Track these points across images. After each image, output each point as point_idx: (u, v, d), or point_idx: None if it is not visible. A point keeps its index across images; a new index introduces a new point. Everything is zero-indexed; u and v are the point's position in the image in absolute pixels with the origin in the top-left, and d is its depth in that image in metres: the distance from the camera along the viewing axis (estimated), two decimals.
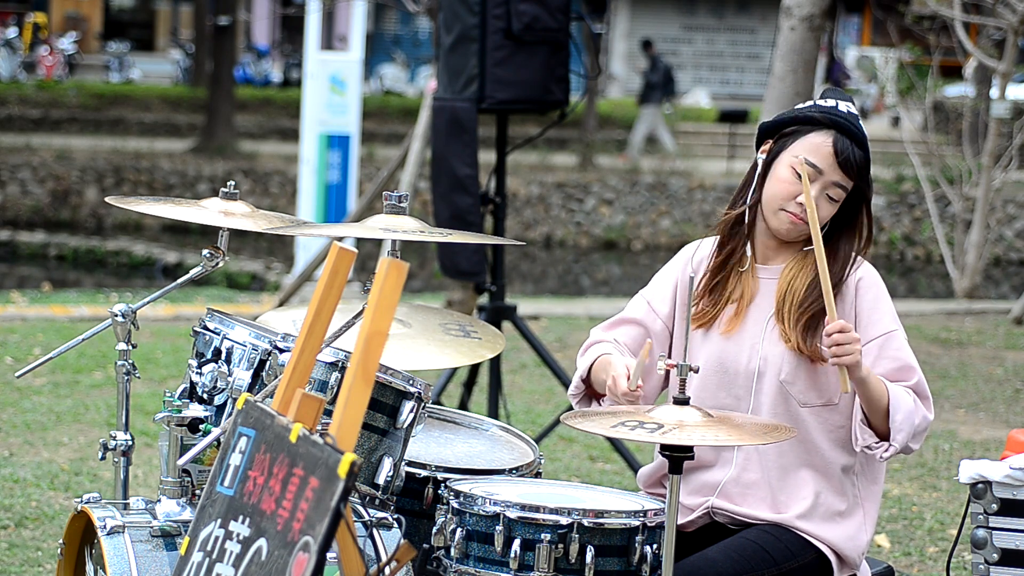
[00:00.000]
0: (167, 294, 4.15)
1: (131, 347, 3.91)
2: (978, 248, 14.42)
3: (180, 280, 4.08)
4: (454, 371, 7.33)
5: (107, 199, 4.12)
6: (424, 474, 3.82)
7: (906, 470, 7.53)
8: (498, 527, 3.45)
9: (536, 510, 3.45)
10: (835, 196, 3.77)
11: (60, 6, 39.22)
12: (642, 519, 3.47)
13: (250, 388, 3.70)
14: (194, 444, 3.65)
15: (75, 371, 9.03)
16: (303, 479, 2.73)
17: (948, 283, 16.25)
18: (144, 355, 9.37)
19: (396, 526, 3.74)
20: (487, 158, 6.96)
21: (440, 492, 3.62)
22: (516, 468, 3.91)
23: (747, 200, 3.85)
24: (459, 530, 3.50)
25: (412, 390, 3.68)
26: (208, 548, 2.96)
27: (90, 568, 3.76)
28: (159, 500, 3.73)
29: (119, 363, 3.90)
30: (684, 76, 37.01)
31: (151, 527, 3.64)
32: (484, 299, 7.13)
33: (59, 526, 6.00)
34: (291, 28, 37.60)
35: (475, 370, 7.25)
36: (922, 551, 6.23)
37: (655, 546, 3.48)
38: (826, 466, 3.78)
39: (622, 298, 14.81)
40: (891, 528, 6.52)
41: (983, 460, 3.88)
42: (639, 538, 3.46)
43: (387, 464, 3.65)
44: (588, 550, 3.42)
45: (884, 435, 3.69)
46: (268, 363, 3.70)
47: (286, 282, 13.26)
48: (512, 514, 3.45)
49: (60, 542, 3.84)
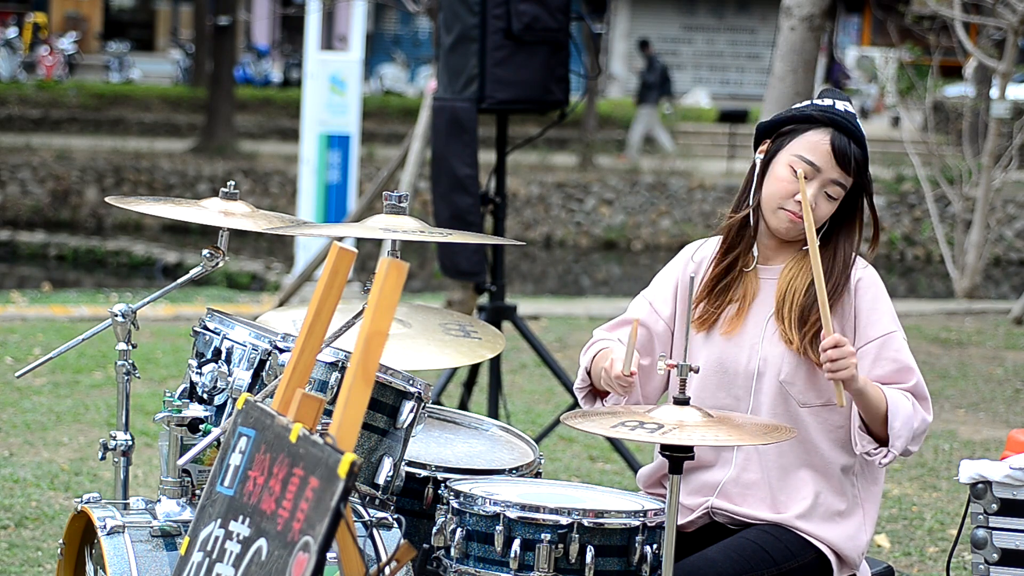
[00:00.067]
0: (167, 294, 4.15)
1: (131, 347, 3.91)
2: (978, 248, 14.42)
3: (180, 280, 4.08)
4: (454, 371, 7.33)
5: (107, 199, 4.12)
6: (424, 474, 3.82)
7: (906, 470, 7.53)
8: (498, 527, 3.45)
9: (536, 510, 3.45)
10: (833, 194, 3.77)
11: (60, 6, 39.22)
12: (642, 519, 3.47)
13: (250, 388, 3.70)
14: (194, 444, 3.65)
15: (75, 371, 9.03)
16: (303, 479, 2.73)
17: (948, 283, 16.25)
18: (144, 355, 9.37)
19: (396, 526, 3.74)
20: (487, 158, 6.96)
21: (440, 492, 3.62)
22: (516, 468, 3.91)
23: (749, 202, 3.85)
24: (459, 530, 3.50)
25: (412, 390, 3.68)
26: (208, 548, 2.96)
27: (90, 568, 3.76)
28: (159, 500, 3.73)
29: (119, 363, 3.90)
30: (684, 76, 37.01)
31: (151, 527, 3.64)
32: (484, 299, 7.13)
33: (59, 526, 5.99)
34: (291, 28, 37.61)
35: (475, 370, 7.25)
36: (922, 551, 6.22)
37: (655, 546, 3.48)
38: (826, 466, 3.78)
39: (622, 298, 14.81)
40: (891, 528, 6.52)
41: (983, 460, 3.88)
42: (639, 538, 3.46)
43: (387, 464, 3.65)
44: (588, 550, 3.42)
45: (883, 441, 3.70)
46: (268, 363, 3.70)
47: (286, 282, 13.26)
48: (512, 514, 3.45)
49: (60, 542, 3.84)
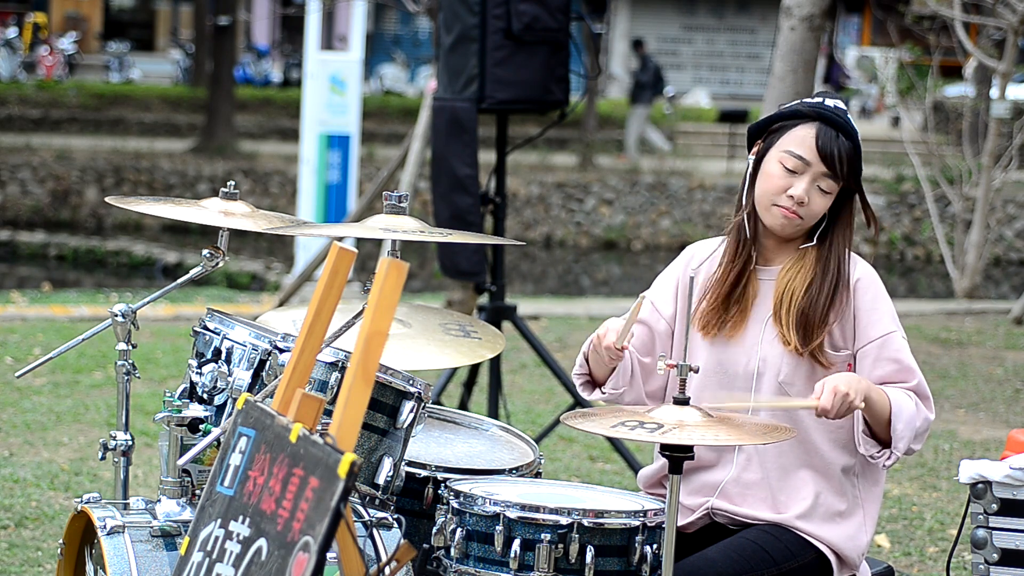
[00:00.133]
0: (167, 294, 4.15)
1: (131, 347, 3.91)
2: (978, 248, 14.42)
3: (180, 280, 4.08)
4: (454, 371, 7.33)
5: (107, 199, 4.12)
6: (424, 474, 3.82)
7: (906, 470, 7.53)
8: (498, 527, 3.45)
9: (536, 510, 3.45)
10: (827, 187, 3.77)
11: (60, 6, 39.22)
12: (642, 519, 3.47)
13: (250, 388, 3.70)
14: (194, 444, 3.65)
15: (75, 371, 9.03)
16: (303, 479, 2.73)
17: (948, 283, 16.25)
18: (144, 355, 9.37)
19: (396, 526, 3.74)
20: (487, 158, 6.96)
21: (440, 492, 3.62)
22: (516, 468, 3.91)
23: (743, 205, 3.86)
24: (459, 530, 3.50)
25: (412, 390, 3.69)
26: (208, 548, 2.96)
27: (90, 568, 3.76)
28: (159, 500, 3.73)
29: (119, 363, 3.90)
30: (684, 76, 37.02)
31: (151, 527, 3.64)
32: (484, 299, 7.13)
33: (59, 526, 6.00)
34: (291, 28, 37.61)
35: (475, 370, 7.25)
36: (922, 551, 6.22)
37: (655, 546, 3.48)
38: (826, 466, 3.78)
39: (622, 298, 14.82)
40: (891, 528, 6.52)
41: (983, 460, 3.88)
42: (639, 538, 3.46)
43: (387, 464, 3.65)
44: (588, 550, 3.42)
45: (886, 442, 3.70)
46: (268, 363, 3.70)
47: (286, 282, 13.26)
48: (512, 514, 3.45)
49: (60, 542, 3.84)
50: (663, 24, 38.13)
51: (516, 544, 3.43)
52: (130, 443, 3.88)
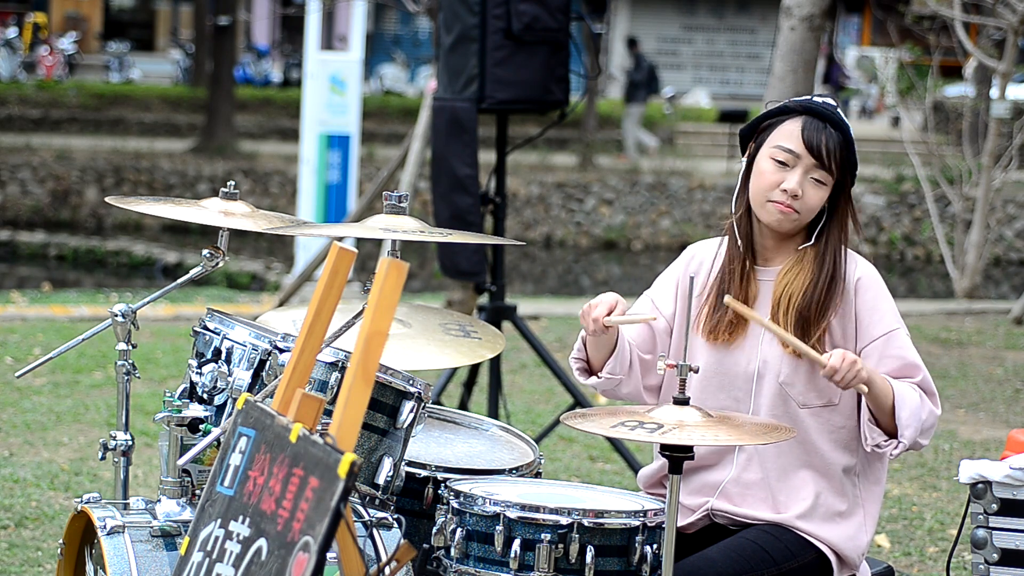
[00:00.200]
0: (167, 294, 4.15)
1: (131, 347, 3.91)
2: (978, 248, 14.42)
3: (180, 280, 4.08)
4: (454, 371, 7.33)
5: (107, 199, 4.12)
6: (424, 474, 3.82)
7: (906, 470, 7.53)
8: (498, 527, 3.45)
9: (536, 510, 3.45)
10: (820, 178, 3.77)
11: (60, 6, 39.22)
12: (642, 519, 3.47)
13: (250, 388, 3.70)
14: (194, 444, 3.65)
15: (75, 371, 9.03)
16: (303, 479, 2.73)
17: (948, 283, 16.25)
18: (144, 355, 9.37)
19: (396, 526, 3.74)
20: (487, 158, 6.96)
21: (440, 492, 3.62)
22: (516, 468, 3.91)
23: (734, 208, 3.87)
24: (459, 530, 3.50)
25: (412, 390, 3.68)
26: (208, 548, 2.96)
27: (90, 568, 3.76)
28: (159, 500, 3.73)
29: (119, 363, 3.90)
30: (684, 76, 37.01)
31: (151, 527, 3.64)
32: (484, 299, 7.12)
33: (59, 526, 5.99)
34: (291, 28, 37.61)
35: (475, 370, 7.25)
36: (922, 551, 6.22)
37: (655, 546, 3.48)
38: (826, 467, 3.78)
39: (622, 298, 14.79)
40: (891, 528, 6.52)
41: (983, 460, 3.88)
42: (639, 538, 3.46)
43: (387, 464, 3.65)
44: (588, 550, 3.42)
45: (892, 433, 3.70)
46: (268, 363, 3.70)
47: (286, 282, 13.26)
48: (512, 514, 3.45)
49: (60, 542, 3.84)
50: (663, 24, 38.13)
51: (516, 544, 3.43)
52: (130, 443, 3.88)
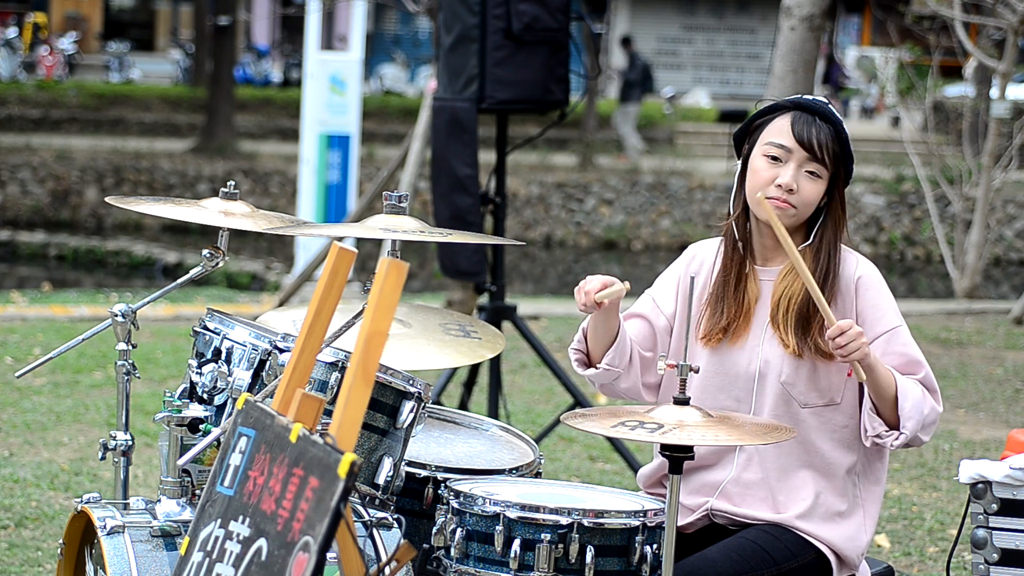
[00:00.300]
0: (167, 294, 4.15)
1: (131, 347, 3.91)
2: (978, 248, 14.41)
3: (180, 280, 4.08)
4: (454, 371, 7.33)
5: (107, 199, 4.12)
6: (424, 474, 3.82)
7: (906, 470, 7.53)
8: (498, 527, 3.45)
9: (536, 510, 3.45)
10: (815, 171, 3.78)
11: (60, 6, 39.22)
12: (642, 519, 3.47)
13: (250, 388, 3.70)
14: (194, 444, 3.65)
15: (75, 371, 9.03)
16: (303, 479, 2.73)
17: (948, 283, 16.25)
18: (144, 355, 9.37)
19: (396, 526, 3.74)
20: (487, 158, 6.96)
21: (440, 492, 3.62)
22: (516, 468, 3.91)
23: (731, 209, 3.88)
24: (459, 530, 3.50)
25: (412, 390, 3.68)
26: (208, 548, 2.96)
27: (90, 568, 3.76)
28: (159, 500, 3.73)
29: (119, 363, 3.90)
30: (684, 76, 37.01)
31: (151, 527, 3.64)
32: (484, 299, 7.13)
33: (59, 526, 5.99)
34: (291, 28, 37.61)
35: (475, 370, 7.25)
36: (922, 551, 6.22)
37: (655, 546, 3.48)
38: (827, 467, 3.78)
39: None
40: (891, 528, 6.52)
41: (983, 460, 3.88)
42: (639, 538, 3.46)
43: (387, 464, 3.65)
44: (588, 550, 3.42)
45: (894, 424, 3.70)
46: (268, 363, 3.70)
47: (286, 282, 13.26)
48: (512, 514, 3.45)
49: (60, 542, 3.84)
50: (663, 24, 38.13)
51: (516, 544, 3.43)
52: (130, 443, 3.88)
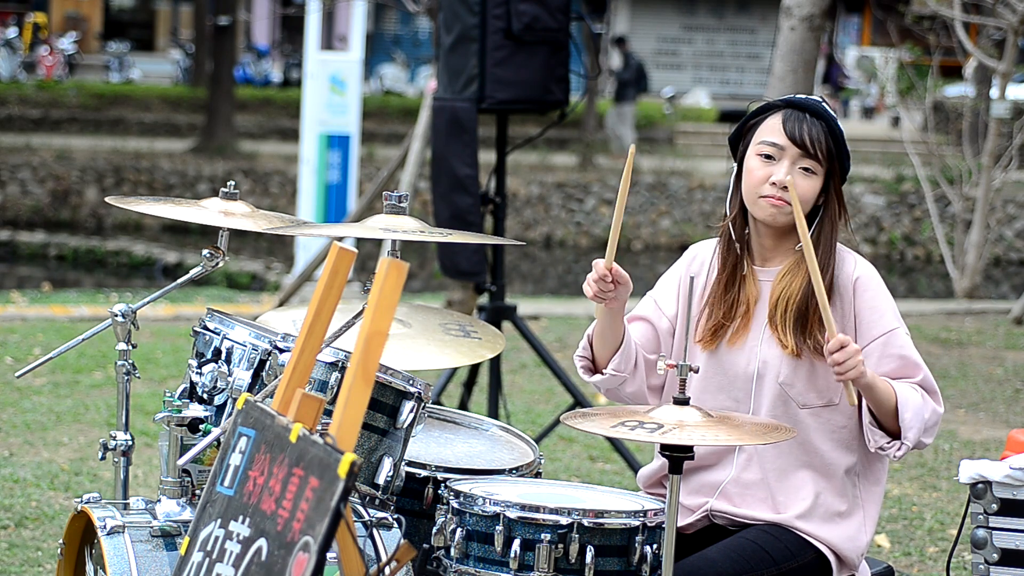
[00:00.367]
0: (167, 294, 4.15)
1: (131, 347, 3.91)
2: (978, 248, 14.41)
3: (180, 280, 4.08)
4: (454, 371, 7.33)
5: (107, 199, 4.12)
6: (424, 474, 3.82)
7: (906, 470, 7.53)
8: (498, 527, 3.45)
9: (536, 510, 3.45)
10: (810, 167, 3.78)
11: (60, 6, 39.22)
12: (642, 519, 3.47)
13: (250, 388, 3.70)
14: (194, 444, 3.65)
15: (75, 371, 9.03)
16: (303, 479, 2.73)
17: (948, 283, 16.25)
18: (144, 355, 9.37)
19: (396, 526, 3.74)
20: (487, 158, 6.96)
21: (440, 492, 3.62)
22: (516, 468, 3.91)
23: (727, 211, 3.89)
24: (459, 530, 3.50)
25: (412, 390, 3.68)
26: (208, 548, 2.96)
27: (90, 568, 3.76)
28: (159, 500, 3.73)
29: (119, 363, 3.90)
30: (684, 76, 37.01)
31: (151, 527, 3.64)
32: (484, 299, 7.12)
33: (59, 526, 5.99)
34: (291, 28, 37.61)
35: (475, 370, 7.24)
36: (922, 551, 6.22)
37: (655, 546, 3.48)
38: (826, 467, 3.78)
39: None
40: (891, 528, 6.52)
41: (983, 460, 3.88)
42: (639, 538, 3.46)
43: (387, 464, 3.65)
44: (588, 550, 3.42)
45: (895, 434, 3.70)
46: (268, 363, 3.70)
47: (286, 282, 13.26)
48: (512, 514, 3.45)
49: (60, 542, 3.84)
50: (663, 24, 38.14)
51: (516, 544, 3.43)
52: (130, 443, 3.88)
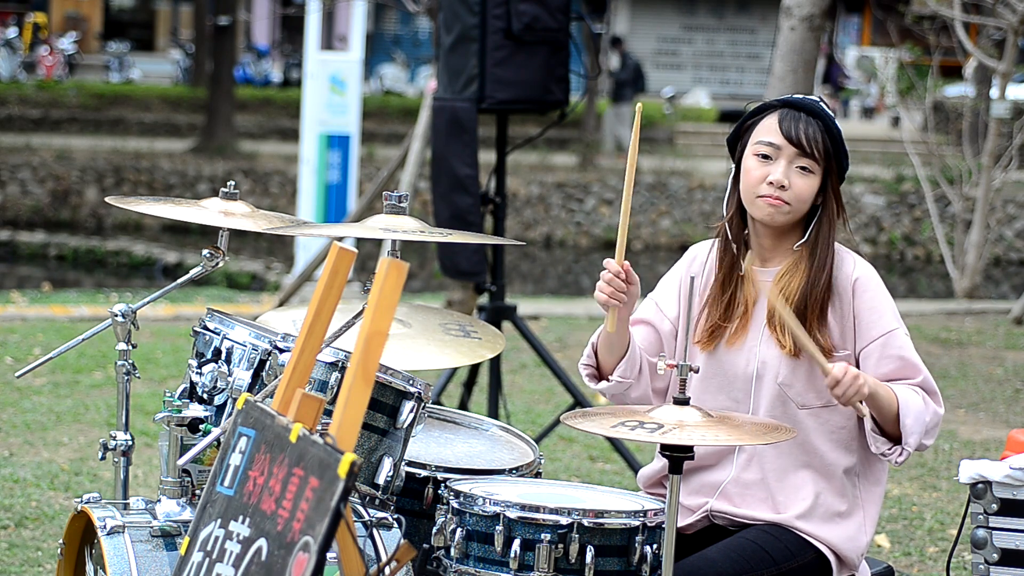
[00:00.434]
0: (167, 294, 4.15)
1: (131, 347, 3.91)
2: (978, 248, 14.41)
3: (180, 280, 4.08)
4: (454, 371, 7.33)
5: (107, 199, 4.12)
6: (424, 474, 3.82)
7: (906, 470, 7.53)
8: (498, 527, 3.45)
9: (536, 510, 3.45)
10: (807, 166, 3.78)
11: (60, 6, 39.22)
12: (642, 519, 3.47)
13: (250, 388, 3.70)
14: (194, 444, 3.65)
15: (75, 371, 9.03)
16: (303, 479, 2.73)
17: (948, 283, 16.25)
18: (144, 355, 9.37)
19: (396, 526, 3.74)
20: (487, 158, 6.96)
21: (440, 492, 3.62)
22: (516, 468, 3.91)
23: (725, 212, 3.89)
24: (459, 530, 3.50)
25: (412, 390, 3.68)
26: (208, 548, 2.96)
27: (90, 568, 3.76)
28: (159, 500, 3.73)
29: (119, 363, 3.90)
30: (684, 76, 37.01)
31: (151, 527, 3.64)
32: (484, 299, 7.13)
33: (59, 526, 5.99)
34: (291, 28, 37.61)
35: (475, 370, 7.25)
36: (922, 551, 6.23)
37: (655, 546, 3.48)
38: (826, 467, 3.78)
39: None
40: (891, 528, 6.52)
41: (983, 460, 3.88)
42: (639, 538, 3.46)
43: (387, 464, 3.65)
44: (588, 550, 3.42)
45: (896, 439, 3.70)
46: (268, 363, 3.70)
47: (286, 282, 13.26)
48: (512, 514, 3.45)
49: (60, 542, 3.84)
50: (663, 24, 38.14)
51: (516, 544, 3.43)
52: (130, 443, 3.88)
